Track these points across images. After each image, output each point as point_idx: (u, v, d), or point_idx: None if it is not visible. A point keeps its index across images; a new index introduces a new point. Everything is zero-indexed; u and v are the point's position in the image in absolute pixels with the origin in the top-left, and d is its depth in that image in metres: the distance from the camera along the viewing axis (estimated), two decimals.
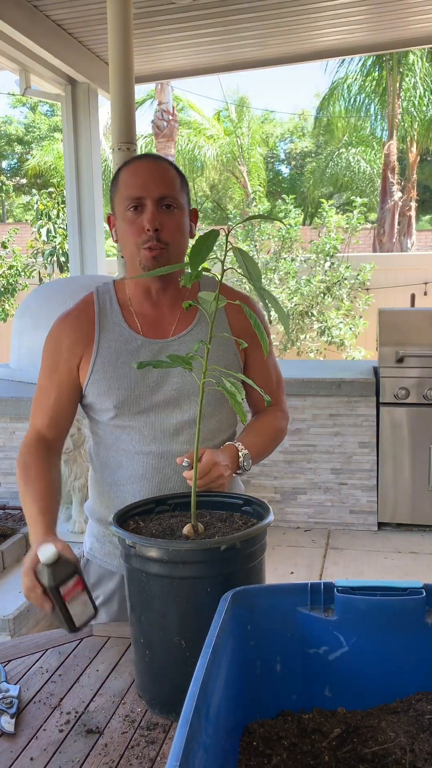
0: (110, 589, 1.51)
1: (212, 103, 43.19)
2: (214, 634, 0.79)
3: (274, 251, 9.36)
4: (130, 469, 1.43)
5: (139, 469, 1.42)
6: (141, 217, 1.35)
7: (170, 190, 1.37)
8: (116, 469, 1.45)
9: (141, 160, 1.42)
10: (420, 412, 3.91)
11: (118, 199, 1.39)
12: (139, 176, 1.37)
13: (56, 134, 21.46)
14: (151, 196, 1.35)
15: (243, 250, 1.01)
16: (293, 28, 4.39)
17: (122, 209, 1.38)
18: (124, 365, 1.39)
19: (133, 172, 1.39)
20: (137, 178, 1.37)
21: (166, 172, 1.39)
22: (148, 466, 1.42)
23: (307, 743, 0.86)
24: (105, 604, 1.51)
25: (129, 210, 1.36)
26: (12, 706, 1.10)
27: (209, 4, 3.92)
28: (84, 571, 1.53)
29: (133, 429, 1.41)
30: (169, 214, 1.36)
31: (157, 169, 1.38)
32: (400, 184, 14.30)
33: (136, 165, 1.40)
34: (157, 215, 1.35)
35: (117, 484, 1.45)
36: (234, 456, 1.34)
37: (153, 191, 1.35)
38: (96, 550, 1.54)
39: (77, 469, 3.05)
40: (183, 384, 1.40)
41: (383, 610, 0.92)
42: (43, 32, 4.11)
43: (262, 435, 1.47)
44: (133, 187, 1.36)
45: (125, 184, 1.38)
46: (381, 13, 4.23)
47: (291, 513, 4.08)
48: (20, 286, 10.54)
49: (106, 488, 1.47)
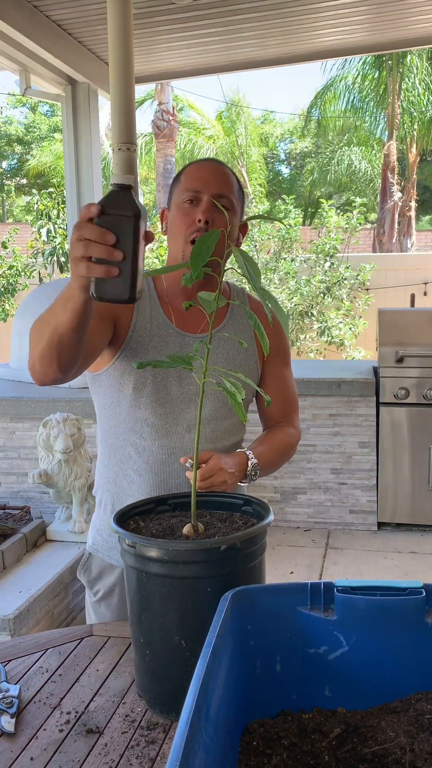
0: (111, 583, 1.51)
1: (212, 103, 43.20)
2: (214, 634, 0.79)
3: (274, 251, 9.36)
4: (140, 460, 1.43)
5: (148, 462, 1.43)
6: (195, 210, 1.39)
7: (228, 191, 1.41)
8: (125, 459, 1.45)
9: (208, 160, 1.49)
10: (420, 412, 3.91)
11: (177, 190, 1.43)
12: (203, 171, 1.43)
13: (56, 134, 21.46)
14: (209, 191, 1.39)
15: (243, 251, 1.01)
16: (293, 28, 4.39)
17: (179, 200, 1.42)
18: (154, 349, 1.41)
19: (198, 167, 1.45)
20: (200, 173, 1.43)
21: (228, 176, 1.44)
22: (157, 459, 1.42)
23: (307, 743, 0.86)
24: (105, 598, 1.52)
25: (186, 202, 1.40)
26: (12, 706, 1.11)
27: (209, 4, 3.91)
28: (86, 566, 1.55)
29: (147, 419, 1.42)
30: (221, 213, 1.39)
31: (221, 171, 1.44)
32: (400, 184, 14.31)
33: (201, 162, 1.48)
34: (211, 210, 1.38)
35: (124, 474, 1.46)
36: (243, 463, 1.36)
37: (212, 187, 1.40)
38: (99, 543, 1.54)
39: (77, 469, 3.06)
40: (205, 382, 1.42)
41: (383, 610, 0.92)
42: (43, 32, 4.10)
43: (272, 448, 1.49)
44: (195, 180, 1.41)
45: (187, 176, 1.43)
46: (381, 14, 4.22)
47: (291, 513, 4.08)
48: (20, 286, 10.55)
49: (113, 477, 1.48)
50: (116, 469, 1.47)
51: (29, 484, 3.67)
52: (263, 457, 1.41)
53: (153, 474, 1.42)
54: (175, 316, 1.45)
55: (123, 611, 1.49)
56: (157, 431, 1.42)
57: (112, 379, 1.43)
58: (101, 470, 1.53)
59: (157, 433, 1.42)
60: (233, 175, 1.46)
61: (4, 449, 3.84)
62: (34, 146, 22.65)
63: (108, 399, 1.46)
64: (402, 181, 14.68)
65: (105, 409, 1.48)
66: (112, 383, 1.44)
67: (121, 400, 1.43)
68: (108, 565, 1.52)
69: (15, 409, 3.76)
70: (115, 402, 1.44)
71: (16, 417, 3.78)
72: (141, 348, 1.40)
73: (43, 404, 3.69)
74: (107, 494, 1.51)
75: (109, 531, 1.50)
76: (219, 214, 1.38)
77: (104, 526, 1.53)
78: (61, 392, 3.77)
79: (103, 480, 1.52)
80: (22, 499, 3.77)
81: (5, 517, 3.28)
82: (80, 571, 1.56)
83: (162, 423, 1.42)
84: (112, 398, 1.45)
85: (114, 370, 1.42)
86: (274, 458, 1.48)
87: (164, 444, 1.42)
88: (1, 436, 3.84)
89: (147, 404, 1.41)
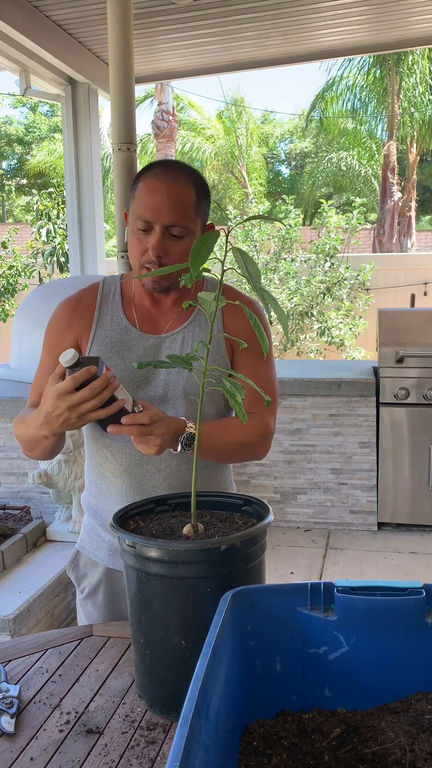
0: (95, 581, 1.54)
1: (212, 103, 43.19)
2: (214, 634, 0.79)
3: (274, 251, 9.36)
4: (114, 462, 1.45)
5: (122, 463, 1.44)
6: (148, 239, 1.36)
7: (181, 218, 1.35)
8: (102, 461, 1.48)
9: (159, 176, 1.36)
10: (420, 412, 3.91)
11: (132, 209, 1.39)
12: (154, 197, 1.34)
13: (56, 134, 21.46)
14: (160, 221, 1.34)
15: (243, 251, 1.01)
16: (293, 28, 4.39)
17: (133, 222, 1.38)
18: (116, 356, 1.42)
19: (149, 189, 1.35)
20: (152, 199, 1.34)
21: (182, 193, 1.35)
22: (131, 461, 1.43)
23: (307, 743, 0.86)
24: (91, 596, 1.54)
25: (139, 229, 1.37)
26: (12, 706, 1.11)
27: (209, 4, 3.91)
28: (74, 563, 1.58)
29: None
30: (176, 241, 1.36)
31: (173, 192, 1.34)
32: (400, 184, 14.31)
33: (152, 183, 1.36)
34: (163, 243, 1.35)
35: (102, 475, 1.48)
36: (180, 430, 1.30)
37: (163, 217, 1.34)
38: (85, 541, 1.57)
39: (77, 469, 3.05)
40: (168, 382, 1.42)
41: (383, 610, 0.92)
42: (43, 32, 4.11)
43: (228, 432, 1.40)
44: (145, 209, 1.35)
45: (139, 201, 1.36)
46: (381, 14, 4.23)
47: (291, 513, 4.08)
48: (20, 286, 10.56)
49: (93, 478, 1.52)
50: (95, 471, 1.50)
51: (29, 485, 3.67)
52: (209, 436, 1.34)
53: (128, 475, 1.44)
54: (139, 319, 1.46)
55: (108, 609, 1.52)
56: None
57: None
58: (86, 473, 1.57)
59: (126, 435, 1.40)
60: (191, 185, 1.37)
61: (4, 449, 3.84)
62: (34, 146, 22.65)
63: None
64: (402, 181, 14.68)
65: None
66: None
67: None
68: (92, 562, 1.55)
69: (15, 409, 3.75)
70: None
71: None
72: (103, 357, 1.40)
73: None
74: (90, 496, 1.54)
75: (94, 530, 1.54)
76: (173, 245, 1.36)
77: (89, 526, 1.56)
78: None
79: (87, 482, 1.57)
80: (22, 499, 3.76)
81: (5, 517, 3.28)
82: (69, 567, 1.60)
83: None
84: None
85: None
86: (225, 444, 1.40)
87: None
88: (1, 436, 3.84)
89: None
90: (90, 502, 1.55)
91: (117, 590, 1.50)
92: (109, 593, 1.52)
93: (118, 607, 1.51)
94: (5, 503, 3.51)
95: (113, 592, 1.51)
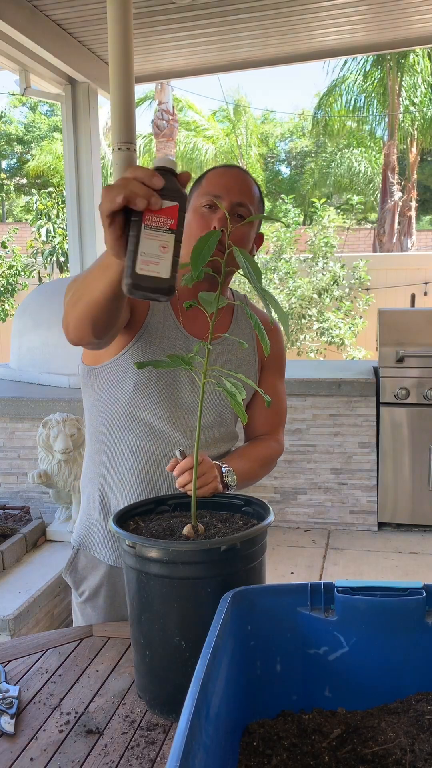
0: (96, 583, 1.49)
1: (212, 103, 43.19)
2: (214, 635, 0.79)
3: (273, 251, 9.36)
4: (133, 459, 1.42)
5: (141, 462, 1.42)
6: (213, 216, 1.37)
7: (248, 200, 1.40)
8: (118, 457, 1.43)
9: (231, 167, 1.47)
10: (420, 412, 3.91)
11: (197, 194, 1.42)
12: (225, 177, 1.41)
13: (56, 134, 21.46)
14: (229, 198, 1.38)
15: (243, 251, 1.01)
16: (293, 28, 4.39)
17: (198, 204, 1.40)
18: (161, 350, 1.39)
19: (220, 173, 1.43)
20: (222, 178, 1.41)
21: (251, 185, 1.42)
22: (151, 460, 1.41)
23: (307, 743, 0.86)
24: (91, 599, 1.50)
25: (204, 206, 1.39)
26: (12, 707, 1.10)
27: (209, 4, 3.91)
28: (72, 564, 1.53)
29: (145, 420, 1.41)
30: (238, 221, 1.38)
31: (244, 179, 1.42)
32: (400, 184, 14.31)
33: (224, 169, 1.45)
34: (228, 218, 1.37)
35: (116, 470, 1.44)
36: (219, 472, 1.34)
37: (233, 195, 1.38)
38: (85, 537, 1.51)
39: (77, 469, 3.05)
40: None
41: (383, 611, 0.91)
42: (43, 32, 4.10)
43: (250, 460, 1.47)
44: (216, 185, 1.39)
45: (209, 181, 1.42)
46: (381, 13, 4.22)
47: (291, 513, 4.08)
48: (20, 286, 10.56)
49: (104, 472, 1.46)
50: (107, 465, 1.45)
51: (29, 484, 3.67)
52: (239, 469, 1.38)
53: (146, 473, 1.42)
54: (183, 319, 1.44)
55: (109, 612, 1.49)
56: (155, 433, 1.41)
57: (113, 374, 1.41)
58: (90, 465, 1.50)
59: (155, 435, 1.41)
60: (255, 185, 1.45)
61: (4, 449, 3.84)
62: (34, 146, 22.65)
63: (104, 394, 1.43)
64: (402, 180, 14.68)
65: (99, 404, 1.45)
66: (111, 379, 1.41)
67: (119, 398, 1.41)
68: (95, 561, 1.50)
69: (15, 409, 3.76)
70: (111, 398, 1.42)
71: (16, 417, 3.78)
72: (149, 347, 1.39)
73: (43, 404, 3.69)
74: (96, 489, 1.48)
75: (97, 525, 1.48)
76: (236, 222, 1.37)
77: (92, 521, 1.50)
78: (60, 392, 3.77)
79: (91, 474, 1.49)
80: (21, 499, 3.76)
81: (5, 517, 3.28)
82: (66, 571, 1.54)
83: (161, 426, 1.40)
84: (109, 394, 1.42)
85: (117, 366, 1.40)
86: (253, 470, 1.46)
87: (160, 446, 1.41)
88: (1, 436, 3.84)
89: (148, 406, 1.40)
90: (97, 496, 1.48)
91: (119, 589, 1.47)
92: (110, 594, 1.48)
93: (120, 607, 1.48)
94: (5, 503, 3.51)
95: (115, 591, 1.47)
